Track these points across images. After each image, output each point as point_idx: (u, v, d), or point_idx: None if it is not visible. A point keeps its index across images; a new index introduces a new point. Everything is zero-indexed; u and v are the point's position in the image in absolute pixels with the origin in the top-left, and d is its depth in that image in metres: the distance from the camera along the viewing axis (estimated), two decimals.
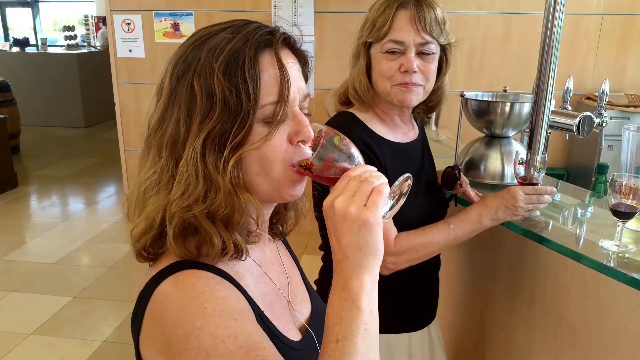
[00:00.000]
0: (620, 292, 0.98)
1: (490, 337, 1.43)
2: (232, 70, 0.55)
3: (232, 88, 0.55)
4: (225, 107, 0.55)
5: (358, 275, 0.55)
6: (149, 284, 0.58)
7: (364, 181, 0.55)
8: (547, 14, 1.15)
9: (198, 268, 0.57)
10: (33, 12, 9.44)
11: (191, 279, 0.56)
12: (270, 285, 0.68)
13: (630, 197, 0.94)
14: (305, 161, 0.59)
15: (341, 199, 0.54)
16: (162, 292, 0.55)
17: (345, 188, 0.55)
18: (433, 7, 1.04)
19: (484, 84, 3.36)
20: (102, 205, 4.28)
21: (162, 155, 0.59)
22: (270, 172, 0.59)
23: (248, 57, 0.56)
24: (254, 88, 0.55)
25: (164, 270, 0.58)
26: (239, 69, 0.55)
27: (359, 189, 0.55)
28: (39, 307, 2.67)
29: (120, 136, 3.72)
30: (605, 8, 3.25)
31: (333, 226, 0.56)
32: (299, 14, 3.36)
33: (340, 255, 0.56)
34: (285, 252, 0.80)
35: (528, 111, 1.32)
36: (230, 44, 0.56)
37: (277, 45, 0.58)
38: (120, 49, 3.56)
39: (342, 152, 0.59)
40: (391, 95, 1.07)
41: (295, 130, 0.59)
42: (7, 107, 5.42)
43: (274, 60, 0.57)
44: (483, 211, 1.09)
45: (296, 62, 0.62)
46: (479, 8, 3.31)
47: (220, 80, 0.55)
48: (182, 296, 0.54)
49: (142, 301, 0.57)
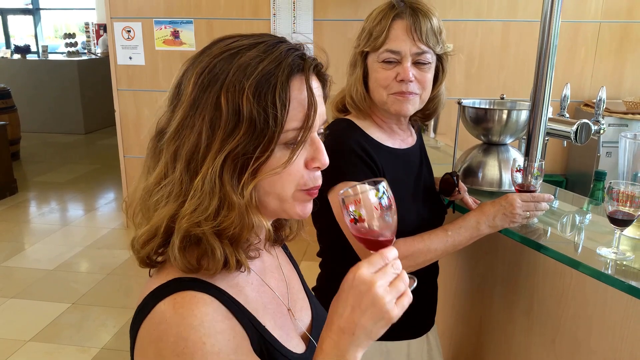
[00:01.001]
0: (618, 300, 0.98)
1: (489, 344, 1.42)
2: (263, 92, 0.55)
3: (261, 110, 0.55)
4: (250, 127, 0.55)
5: (355, 352, 0.57)
6: (148, 299, 0.58)
7: (401, 277, 0.57)
8: (544, 21, 1.16)
9: (198, 289, 0.57)
10: (34, 19, 9.49)
11: (190, 305, 0.55)
12: (269, 294, 0.68)
13: (627, 204, 0.95)
14: (357, 212, 0.59)
15: (381, 284, 0.55)
16: (161, 314, 0.55)
17: (383, 272, 0.56)
18: (429, 16, 1.05)
19: (482, 91, 3.37)
20: (101, 211, 4.28)
21: (176, 167, 0.58)
22: (281, 194, 0.60)
23: (280, 81, 0.55)
24: (282, 113, 0.55)
25: (164, 287, 0.58)
26: (270, 92, 0.55)
27: (396, 283, 0.57)
28: (37, 314, 2.66)
29: (120, 143, 3.73)
30: (602, 16, 3.27)
31: (358, 300, 0.56)
32: (298, 22, 3.38)
33: (348, 328, 0.56)
34: (284, 258, 0.80)
35: (525, 118, 1.32)
36: (262, 64, 0.56)
37: (308, 71, 0.58)
38: (121, 56, 3.58)
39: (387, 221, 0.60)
40: (388, 104, 1.08)
41: (312, 156, 0.60)
42: (8, 114, 5.43)
43: (304, 87, 0.58)
44: (481, 218, 1.09)
45: (320, 86, 0.62)
46: (477, 16, 3.33)
47: (250, 100, 0.54)
48: (181, 324, 0.54)
49: (140, 315, 0.57)
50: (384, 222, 0.59)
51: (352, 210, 0.59)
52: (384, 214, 0.59)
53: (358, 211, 0.59)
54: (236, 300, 0.60)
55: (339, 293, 0.59)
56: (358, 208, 0.59)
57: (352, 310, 0.56)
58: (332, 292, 1.26)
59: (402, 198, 1.12)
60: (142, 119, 3.66)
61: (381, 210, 0.59)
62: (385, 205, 0.59)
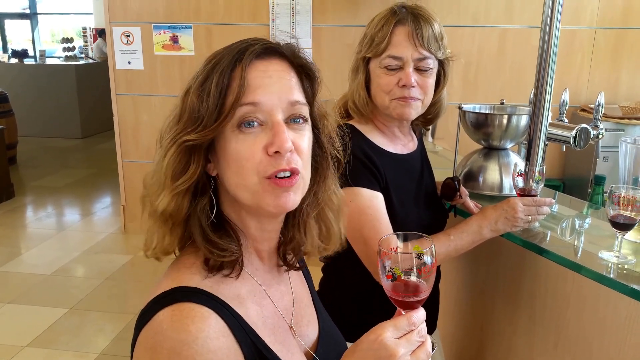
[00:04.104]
0: (620, 303, 0.98)
1: (490, 348, 1.43)
2: (205, 84, 0.60)
3: (201, 99, 0.59)
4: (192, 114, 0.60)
5: None
6: (150, 305, 0.58)
7: (424, 347, 0.56)
8: (544, 27, 1.18)
9: (198, 301, 0.57)
10: (32, 24, 9.48)
11: (186, 319, 0.55)
12: (271, 308, 0.67)
13: (628, 208, 0.95)
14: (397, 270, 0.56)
15: (403, 353, 0.54)
16: (158, 324, 0.56)
17: (407, 340, 0.55)
18: (431, 22, 1.06)
19: (479, 97, 3.39)
20: (98, 216, 4.26)
21: None
22: (245, 183, 0.60)
23: (221, 70, 0.60)
24: (218, 97, 0.59)
25: (166, 295, 0.58)
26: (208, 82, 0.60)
27: (418, 354, 0.55)
28: (34, 319, 2.64)
29: (118, 147, 3.72)
30: (598, 22, 3.31)
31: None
32: (296, 27, 3.39)
33: None
34: (297, 273, 0.78)
35: (525, 123, 1.33)
36: (216, 59, 0.61)
37: (249, 56, 0.60)
38: (119, 60, 3.58)
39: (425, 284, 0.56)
40: (390, 109, 1.09)
41: (271, 141, 0.59)
42: (5, 118, 5.41)
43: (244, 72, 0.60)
44: (483, 222, 1.10)
45: (288, 72, 0.63)
46: (473, 22, 3.35)
47: (194, 92, 0.60)
48: (175, 338, 0.54)
49: (142, 320, 0.58)
50: (424, 284, 0.56)
51: (391, 268, 0.56)
52: (427, 277, 0.56)
53: (398, 270, 0.56)
54: (237, 314, 0.60)
55: (355, 349, 0.57)
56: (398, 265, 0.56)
57: None
58: (335, 298, 1.25)
59: (404, 203, 1.13)
60: (141, 124, 3.65)
61: (425, 274, 0.56)
62: (429, 268, 0.56)
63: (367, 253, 1.05)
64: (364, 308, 1.16)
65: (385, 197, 1.08)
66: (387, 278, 0.57)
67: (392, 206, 1.09)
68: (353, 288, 1.17)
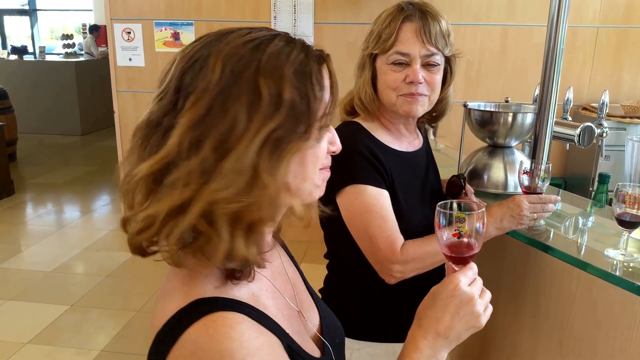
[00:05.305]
0: (626, 301, 0.98)
1: (494, 345, 1.43)
2: (302, 78, 0.58)
3: (303, 95, 0.57)
4: (291, 111, 0.56)
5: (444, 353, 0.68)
6: (170, 327, 0.55)
7: (485, 290, 0.69)
8: (551, 25, 1.17)
9: (225, 308, 0.56)
10: (31, 20, 9.45)
11: (224, 328, 0.54)
12: (282, 299, 0.67)
13: (635, 206, 0.95)
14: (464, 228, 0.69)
15: (477, 296, 0.67)
16: (193, 343, 0.53)
17: (477, 286, 0.68)
18: (438, 19, 1.06)
19: (481, 95, 3.39)
20: (98, 213, 4.26)
21: (201, 149, 0.55)
22: (307, 174, 0.61)
23: (315, 69, 0.60)
24: (320, 97, 0.59)
25: (187, 312, 0.55)
26: (307, 79, 0.58)
27: (484, 296, 0.69)
28: (35, 316, 2.64)
29: (119, 144, 3.71)
30: (600, 21, 3.31)
31: (457, 309, 0.66)
32: (298, 25, 3.38)
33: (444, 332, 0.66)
34: (286, 258, 0.79)
35: (530, 122, 1.33)
36: (293, 54, 0.58)
37: (328, 60, 0.63)
38: (120, 57, 3.57)
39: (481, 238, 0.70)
40: (397, 105, 1.08)
41: (331, 140, 0.64)
42: (5, 115, 5.40)
43: (327, 74, 0.62)
44: (488, 220, 1.09)
45: None
46: (475, 20, 3.35)
47: (292, 85, 0.57)
48: (219, 349, 0.52)
49: (164, 346, 0.54)
50: (476, 242, 0.69)
51: (458, 227, 0.68)
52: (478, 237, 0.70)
53: (465, 227, 0.69)
54: (261, 312, 0.59)
55: (435, 299, 0.68)
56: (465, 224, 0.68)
57: (452, 317, 0.66)
58: (339, 295, 1.24)
59: (409, 200, 1.13)
60: None
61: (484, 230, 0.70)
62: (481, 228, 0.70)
63: (372, 250, 1.05)
64: (368, 305, 1.16)
65: (390, 195, 1.08)
66: (454, 236, 0.69)
67: (397, 204, 1.09)
68: (357, 285, 1.17)
